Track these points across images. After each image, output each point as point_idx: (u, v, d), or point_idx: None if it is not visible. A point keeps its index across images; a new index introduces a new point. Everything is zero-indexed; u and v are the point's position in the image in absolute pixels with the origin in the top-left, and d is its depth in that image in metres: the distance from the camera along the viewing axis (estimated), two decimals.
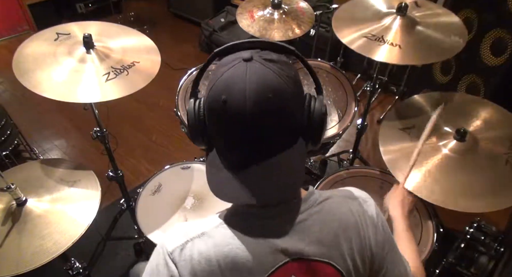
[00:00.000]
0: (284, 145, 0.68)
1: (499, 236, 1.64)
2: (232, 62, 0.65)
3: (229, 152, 0.69)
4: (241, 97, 0.62)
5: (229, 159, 0.69)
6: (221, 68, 0.66)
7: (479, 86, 2.27)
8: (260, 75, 0.63)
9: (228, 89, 0.63)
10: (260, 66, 0.64)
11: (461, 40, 1.44)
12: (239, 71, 0.64)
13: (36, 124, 2.90)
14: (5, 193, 1.18)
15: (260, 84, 0.63)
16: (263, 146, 0.66)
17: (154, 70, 1.41)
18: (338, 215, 0.75)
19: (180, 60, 3.49)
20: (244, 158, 0.67)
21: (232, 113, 0.63)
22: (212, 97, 0.65)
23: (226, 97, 0.63)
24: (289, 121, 0.67)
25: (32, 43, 1.38)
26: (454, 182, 1.24)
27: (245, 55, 0.65)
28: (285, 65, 0.67)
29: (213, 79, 0.66)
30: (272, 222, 0.71)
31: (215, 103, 0.65)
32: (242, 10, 1.95)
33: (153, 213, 1.53)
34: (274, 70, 0.64)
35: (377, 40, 1.46)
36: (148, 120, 2.99)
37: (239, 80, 0.63)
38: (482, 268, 1.62)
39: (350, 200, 0.78)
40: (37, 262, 1.10)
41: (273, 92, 0.63)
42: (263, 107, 0.63)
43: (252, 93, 0.62)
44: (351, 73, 3.22)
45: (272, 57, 0.66)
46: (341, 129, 1.75)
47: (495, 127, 1.37)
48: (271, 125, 0.65)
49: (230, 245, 0.68)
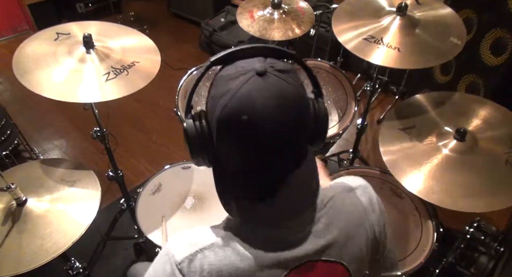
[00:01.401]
0: (302, 158, 0.67)
1: (499, 236, 1.64)
2: (244, 75, 0.60)
3: (248, 175, 0.66)
4: (264, 115, 0.58)
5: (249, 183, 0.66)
6: (229, 82, 0.61)
7: (479, 86, 2.27)
8: (280, 90, 0.60)
9: (248, 108, 0.58)
10: (278, 80, 0.61)
11: (460, 42, 1.43)
12: (256, 87, 0.59)
13: (36, 124, 2.90)
14: (5, 193, 1.18)
15: (282, 100, 0.60)
16: (286, 164, 0.64)
17: (154, 70, 1.41)
18: (344, 213, 0.75)
19: (180, 60, 3.49)
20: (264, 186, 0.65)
21: (255, 133, 0.59)
22: (227, 116, 0.60)
23: (247, 117, 0.58)
24: (306, 130, 0.67)
25: (32, 43, 1.38)
26: (454, 182, 1.24)
27: (258, 68, 0.60)
28: (294, 73, 0.65)
29: (223, 95, 0.60)
30: (280, 231, 0.70)
31: (233, 123, 0.59)
32: (242, 10, 1.95)
33: (153, 213, 1.53)
34: (291, 82, 0.62)
35: (376, 42, 1.46)
36: (148, 120, 2.99)
37: (259, 97, 0.59)
38: (482, 268, 1.62)
39: (349, 193, 0.78)
40: (37, 262, 1.09)
41: (295, 106, 0.61)
42: (288, 124, 0.61)
43: (275, 111, 0.59)
44: (351, 73, 3.23)
45: (284, 67, 0.63)
46: (341, 129, 1.75)
47: (495, 127, 1.37)
48: (295, 140, 0.64)
49: (241, 258, 0.66)
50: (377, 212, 0.78)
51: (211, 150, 0.66)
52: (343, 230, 0.73)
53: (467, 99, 1.51)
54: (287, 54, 0.69)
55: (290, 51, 0.69)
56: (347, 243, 0.73)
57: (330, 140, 1.78)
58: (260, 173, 0.64)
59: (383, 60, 1.41)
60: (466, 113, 1.43)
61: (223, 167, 0.68)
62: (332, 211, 0.73)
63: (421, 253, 1.34)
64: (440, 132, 1.38)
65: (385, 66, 1.43)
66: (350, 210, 0.76)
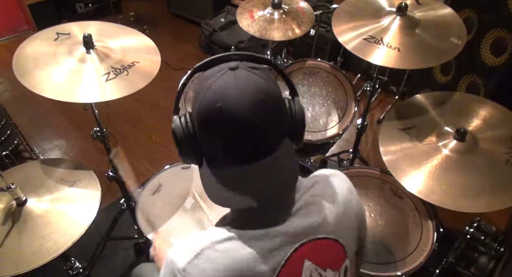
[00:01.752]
0: (277, 144, 0.72)
1: (499, 236, 1.64)
2: (219, 72, 0.69)
3: (225, 158, 0.71)
4: (236, 102, 0.65)
5: (226, 165, 0.71)
6: (208, 80, 0.69)
7: (479, 86, 2.27)
8: (250, 80, 0.68)
9: (221, 96, 0.66)
10: (248, 73, 0.68)
11: (460, 42, 1.43)
12: (228, 78, 0.67)
13: (36, 124, 2.90)
14: (5, 193, 1.18)
15: (251, 88, 0.67)
16: (261, 146, 0.70)
17: (154, 70, 1.41)
18: (329, 195, 0.79)
19: (180, 60, 3.49)
20: (242, 160, 0.69)
21: (230, 119, 0.66)
22: (205, 107, 0.67)
23: (221, 104, 0.65)
24: (280, 121, 0.72)
25: (32, 43, 1.38)
26: (454, 182, 1.24)
27: (231, 65, 0.69)
28: (267, 72, 0.72)
29: (202, 91, 0.68)
30: (274, 219, 0.74)
31: (210, 112, 0.67)
32: (242, 10, 1.95)
33: (153, 213, 1.53)
34: (261, 75, 0.69)
35: (376, 43, 1.46)
36: (148, 120, 2.99)
37: (231, 86, 0.66)
38: (482, 268, 1.62)
39: (332, 177, 0.83)
40: (37, 262, 1.10)
41: (265, 94, 0.68)
42: (259, 109, 0.66)
43: (246, 96, 0.66)
44: (351, 73, 3.23)
45: (255, 66, 0.71)
46: (341, 129, 1.75)
47: (495, 127, 1.37)
48: (266, 126, 0.69)
49: (239, 251, 0.70)
50: (356, 198, 0.84)
51: (196, 145, 0.72)
52: (329, 210, 0.77)
53: (467, 99, 1.51)
54: (262, 59, 0.75)
55: (265, 57, 0.76)
56: (339, 221, 0.78)
57: (330, 140, 1.78)
58: (239, 152, 0.70)
59: (383, 61, 1.41)
60: (466, 113, 1.43)
61: (208, 159, 0.74)
62: (317, 194, 0.78)
63: (421, 253, 1.34)
64: (440, 132, 1.38)
65: (385, 66, 1.43)
66: (337, 191, 0.81)
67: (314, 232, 0.74)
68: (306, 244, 0.74)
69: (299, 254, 0.73)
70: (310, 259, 0.75)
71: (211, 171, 0.72)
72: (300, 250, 0.73)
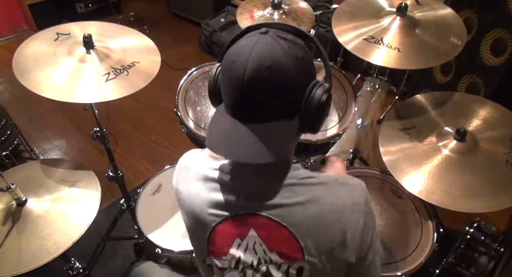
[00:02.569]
0: (276, 116, 0.74)
1: (499, 236, 1.64)
2: (251, 34, 0.75)
3: (227, 108, 0.77)
4: (244, 61, 0.70)
5: (226, 113, 0.77)
6: (240, 39, 0.76)
7: (479, 86, 2.27)
8: (267, 46, 0.70)
9: (237, 54, 0.72)
10: (271, 40, 0.71)
11: (460, 42, 1.43)
12: (251, 41, 0.72)
13: (36, 124, 2.90)
14: (5, 193, 1.18)
15: (262, 54, 0.69)
16: (256, 110, 0.73)
17: (154, 70, 1.41)
18: (324, 197, 0.77)
19: (180, 60, 3.49)
20: (238, 117, 0.74)
21: (234, 74, 0.71)
22: (225, 59, 0.75)
23: (234, 59, 0.72)
24: (285, 96, 0.72)
25: (32, 43, 1.38)
26: (454, 182, 1.24)
27: (263, 30, 0.73)
28: (297, 46, 0.73)
29: (230, 46, 0.77)
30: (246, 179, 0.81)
31: (225, 64, 0.75)
32: (242, 10, 1.95)
33: (153, 213, 1.53)
34: (282, 46, 0.71)
35: (376, 43, 1.46)
36: (148, 120, 2.99)
37: (248, 48, 0.71)
38: (482, 268, 1.62)
39: (341, 186, 0.80)
40: (37, 262, 1.10)
41: (272, 63, 0.69)
42: (259, 74, 0.69)
43: (254, 59, 0.69)
44: (351, 73, 3.22)
45: (287, 36, 0.73)
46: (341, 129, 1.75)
47: (495, 127, 1.37)
48: (265, 93, 0.71)
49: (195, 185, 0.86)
50: (363, 212, 0.78)
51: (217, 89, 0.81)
52: (316, 210, 0.76)
53: (467, 100, 1.50)
54: (305, 35, 0.79)
55: (309, 34, 0.80)
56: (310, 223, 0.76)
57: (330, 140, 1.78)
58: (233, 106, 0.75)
59: (383, 61, 1.41)
60: (466, 113, 1.43)
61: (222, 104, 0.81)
62: (308, 189, 0.78)
63: (421, 254, 1.34)
64: (440, 132, 1.38)
65: (386, 66, 1.43)
66: (333, 199, 0.78)
67: (273, 211, 0.77)
68: (260, 216, 0.78)
69: (249, 220, 0.79)
70: (257, 231, 0.79)
71: (217, 112, 0.80)
72: (251, 217, 0.79)
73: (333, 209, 0.77)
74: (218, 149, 0.74)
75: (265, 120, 0.73)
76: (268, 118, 0.73)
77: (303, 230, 0.77)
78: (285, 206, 0.77)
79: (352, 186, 0.81)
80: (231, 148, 0.74)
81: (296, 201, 0.77)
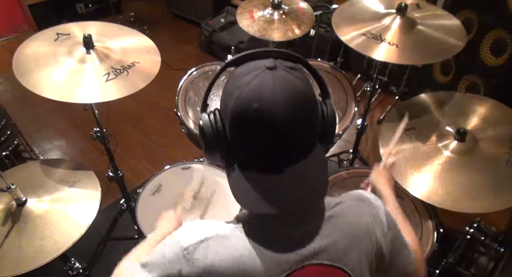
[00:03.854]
0: (310, 150, 0.70)
1: (499, 236, 1.64)
2: (256, 70, 0.65)
3: (256, 161, 0.68)
4: (273, 104, 0.62)
5: (255, 168, 0.68)
6: (244, 77, 0.65)
7: (479, 87, 2.27)
8: (288, 81, 0.65)
9: (259, 96, 0.63)
10: (286, 74, 0.65)
11: (460, 42, 1.43)
12: (266, 78, 0.64)
13: (36, 124, 2.90)
14: (5, 193, 1.18)
15: (290, 90, 0.64)
16: (295, 151, 0.67)
17: (154, 70, 1.41)
18: (350, 219, 0.75)
19: (180, 60, 3.49)
20: (273, 165, 0.67)
21: (265, 121, 0.63)
22: (240, 106, 0.64)
23: (258, 105, 0.62)
24: (314, 125, 0.70)
25: (32, 43, 1.38)
26: (454, 183, 1.24)
27: (268, 64, 0.65)
28: (303, 72, 0.70)
29: (237, 89, 0.65)
30: (287, 229, 0.71)
31: (245, 112, 0.64)
32: (242, 10, 1.95)
33: (153, 213, 1.53)
34: (299, 77, 0.66)
35: (375, 39, 1.47)
36: (148, 120, 2.99)
37: (269, 87, 0.63)
38: (482, 268, 1.62)
39: (361, 202, 0.79)
40: (37, 262, 1.10)
41: (302, 97, 0.65)
42: (296, 112, 0.64)
43: (284, 99, 0.63)
44: (351, 73, 3.22)
45: (292, 65, 0.68)
46: (341, 130, 1.75)
47: (495, 127, 1.37)
48: (302, 130, 0.67)
49: (241, 251, 0.69)
50: (385, 227, 0.77)
51: (225, 143, 0.70)
52: (347, 234, 0.73)
53: (468, 99, 1.50)
54: (295, 57, 0.72)
55: (297, 55, 0.72)
56: (350, 248, 0.73)
57: None
58: (270, 157, 0.67)
59: (382, 56, 1.43)
60: (466, 113, 1.43)
61: (237, 160, 0.71)
62: (337, 215, 0.74)
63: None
64: (440, 133, 1.38)
65: (385, 61, 1.44)
66: (357, 218, 0.76)
67: (322, 256, 0.71)
68: (309, 266, 0.70)
69: (301, 274, 0.70)
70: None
71: (240, 171, 0.70)
72: (302, 271, 0.70)
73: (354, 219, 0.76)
74: (271, 207, 0.66)
75: (300, 159, 0.68)
76: (304, 155, 0.69)
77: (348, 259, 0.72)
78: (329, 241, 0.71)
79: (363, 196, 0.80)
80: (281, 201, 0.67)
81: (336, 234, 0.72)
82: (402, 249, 0.82)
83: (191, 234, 0.72)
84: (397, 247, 0.80)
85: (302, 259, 0.70)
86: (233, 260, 0.68)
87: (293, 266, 0.69)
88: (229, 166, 0.72)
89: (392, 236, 0.79)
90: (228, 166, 0.73)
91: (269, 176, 0.67)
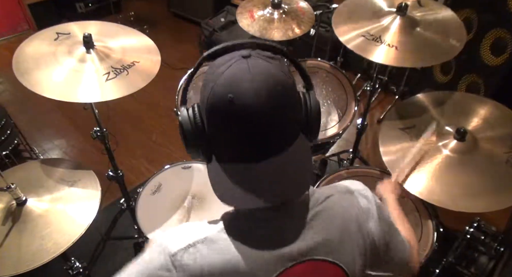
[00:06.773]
0: (292, 140, 0.67)
1: (499, 236, 1.64)
2: (230, 60, 0.63)
3: (236, 154, 0.66)
4: (250, 93, 0.60)
5: (236, 161, 0.66)
6: (219, 68, 0.63)
7: (479, 86, 2.27)
8: (265, 69, 0.62)
9: (233, 87, 0.61)
10: (262, 61, 0.63)
11: (459, 44, 1.43)
12: (241, 67, 0.62)
13: (36, 124, 2.90)
14: (5, 192, 1.18)
15: (267, 79, 0.61)
16: (275, 141, 0.65)
17: (154, 70, 1.41)
18: (341, 212, 0.74)
19: (180, 60, 3.49)
20: (254, 156, 0.64)
21: (242, 111, 0.61)
22: (215, 98, 0.62)
23: (233, 95, 0.60)
24: (294, 114, 0.68)
25: (32, 43, 1.38)
26: (454, 182, 1.24)
27: (243, 53, 0.64)
28: (281, 61, 0.67)
29: (211, 80, 0.63)
30: (276, 225, 0.70)
31: (220, 103, 0.61)
32: (242, 9, 1.95)
33: (153, 213, 1.53)
34: (276, 65, 0.64)
35: (375, 40, 1.46)
36: (148, 120, 2.99)
37: (244, 76, 0.61)
38: (482, 268, 1.62)
39: (349, 194, 0.78)
40: (37, 262, 1.10)
41: (281, 85, 0.63)
42: (273, 102, 0.61)
43: (261, 87, 0.61)
44: (351, 73, 3.22)
45: (269, 55, 0.66)
46: (341, 129, 1.75)
47: (495, 127, 1.37)
48: (282, 120, 0.64)
49: (231, 252, 0.67)
50: (375, 218, 0.76)
51: (205, 139, 0.67)
52: (338, 228, 0.72)
53: (468, 99, 1.50)
54: (274, 48, 0.70)
55: (278, 46, 0.70)
56: (342, 242, 0.72)
57: (330, 140, 1.78)
58: (251, 148, 0.65)
59: (381, 58, 1.42)
60: (466, 112, 1.43)
61: (216, 154, 0.69)
62: (327, 209, 0.73)
63: (421, 253, 1.34)
64: (440, 132, 1.38)
65: (383, 64, 1.43)
66: (347, 211, 0.75)
67: (315, 252, 0.70)
68: (303, 262, 0.69)
69: (295, 271, 0.69)
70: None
71: (220, 167, 0.67)
72: (296, 268, 0.69)
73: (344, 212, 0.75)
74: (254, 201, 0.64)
75: (283, 148, 0.66)
76: (285, 146, 0.66)
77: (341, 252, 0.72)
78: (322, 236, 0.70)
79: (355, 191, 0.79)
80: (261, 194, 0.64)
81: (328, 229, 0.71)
82: (396, 239, 0.81)
83: (177, 239, 0.69)
84: (391, 238, 0.80)
85: (294, 257, 0.69)
86: (224, 263, 0.66)
87: (286, 264, 0.68)
88: (209, 161, 0.70)
89: (384, 226, 0.78)
90: (208, 160, 0.70)
91: (249, 169, 0.65)
